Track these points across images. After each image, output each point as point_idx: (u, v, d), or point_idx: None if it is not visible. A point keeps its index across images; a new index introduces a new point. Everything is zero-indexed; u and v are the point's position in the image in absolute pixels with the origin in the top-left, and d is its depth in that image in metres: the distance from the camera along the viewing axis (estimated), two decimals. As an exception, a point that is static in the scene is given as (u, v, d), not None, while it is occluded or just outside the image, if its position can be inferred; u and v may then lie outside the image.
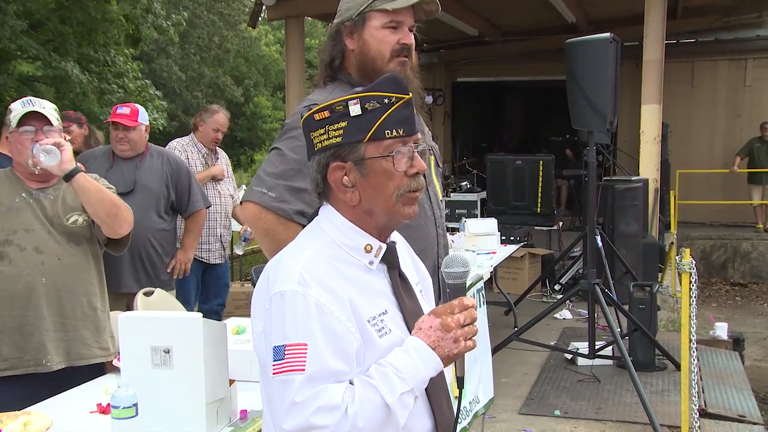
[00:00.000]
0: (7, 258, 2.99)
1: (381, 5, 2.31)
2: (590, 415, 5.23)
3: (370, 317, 1.61)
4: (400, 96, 1.63)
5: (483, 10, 12.93)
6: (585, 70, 5.66)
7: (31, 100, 3.11)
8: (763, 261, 13.05)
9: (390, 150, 1.63)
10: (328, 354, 1.51)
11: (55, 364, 3.03)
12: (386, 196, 1.64)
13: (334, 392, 1.49)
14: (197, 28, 27.27)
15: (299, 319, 1.52)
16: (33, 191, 3.13)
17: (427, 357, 1.58)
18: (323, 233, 1.67)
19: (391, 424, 1.55)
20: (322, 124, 1.63)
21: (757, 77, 14.65)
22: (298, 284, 1.54)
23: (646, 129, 9.13)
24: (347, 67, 2.41)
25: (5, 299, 2.98)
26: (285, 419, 1.48)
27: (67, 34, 17.02)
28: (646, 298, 6.19)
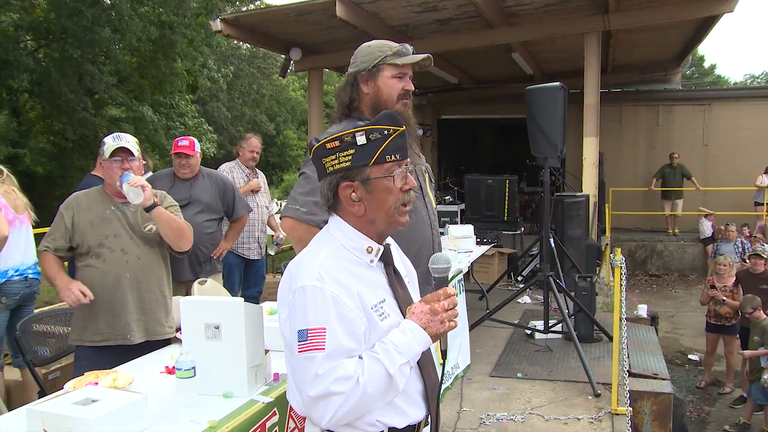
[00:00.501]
0: (102, 257, 3.09)
1: (392, 60, 2.35)
2: (544, 377, 5.21)
3: (373, 305, 1.61)
4: (396, 128, 1.63)
5: (462, 64, 12.99)
6: (541, 110, 5.66)
7: (119, 136, 3.16)
8: (672, 258, 13.18)
9: (390, 171, 1.63)
10: (342, 335, 1.52)
11: (137, 339, 3.11)
12: (387, 208, 1.65)
13: (348, 365, 1.50)
14: (240, 78, 27.30)
15: (318, 309, 1.53)
16: (119, 205, 3.19)
17: (419, 335, 1.59)
18: (333, 239, 1.67)
19: (393, 388, 1.56)
20: (333, 151, 1.63)
21: (666, 119, 14.91)
22: (316, 280, 1.55)
23: (587, 156, 9.15)
24: (361, 107, 2.41)
25: (100, 288, 3.06)
26: (310, 388, 1.49)
27: (144, 86, 17.28)
28: (587, 286, 6.19)
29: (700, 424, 6.75)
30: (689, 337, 9.19)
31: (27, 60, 14.23)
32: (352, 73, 2.41)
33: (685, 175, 13.27)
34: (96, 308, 3.07)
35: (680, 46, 12.12)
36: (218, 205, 4.74)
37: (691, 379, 7.98)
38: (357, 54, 2.42)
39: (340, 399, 1.49)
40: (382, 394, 1.54)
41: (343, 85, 2.45)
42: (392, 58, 2.35)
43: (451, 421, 4.39)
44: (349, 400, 1.49)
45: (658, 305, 10.24)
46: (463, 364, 5.06)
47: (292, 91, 36.19)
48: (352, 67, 2.42)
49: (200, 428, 1.98)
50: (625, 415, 4.36)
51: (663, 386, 5.23)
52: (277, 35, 10.26)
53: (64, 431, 1.81)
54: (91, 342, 3.09)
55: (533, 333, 6.19)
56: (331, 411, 1.49)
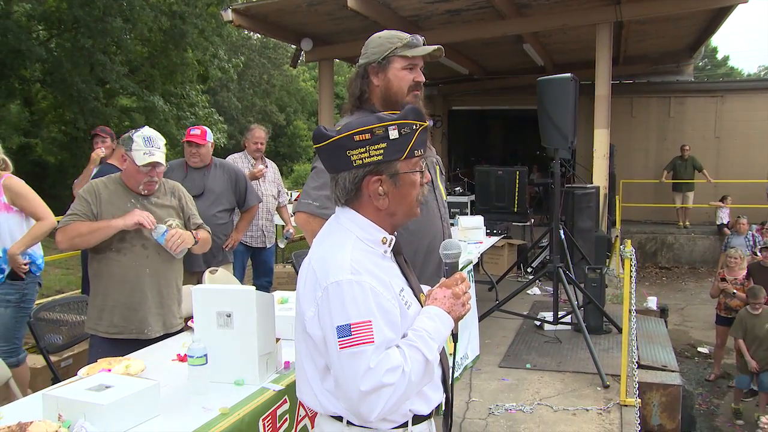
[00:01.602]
0: (123, 252, 3.06)
1: (402, 52, 2.33)
2: (553, 368, 5.22)
3: (397, 293, 1.61)
4: (422, 123, 1.64)
5: (472, 55, 12.92)
6: (552, 101, 5.64)
7: (150, 140, 3.08)
8: (683, 250, 13.09)
9: (417, 166, 1.65)
10: (384, 327, 1.52)
11: (155, 333, 3.11)
12: (410, 201, 1.66)
13: (394, 356, 1.50)
14: (251, 69, 27.32)
15: (359, 302, 1.50)
16: (140, 198, 3.17)
17: (445, 320, 1.63)
18: (348, 231, 1.64)
19: (429, 374, 1.59)
20: (363, 144, 1.59)
21: (677, 111, 14.79)
22: (351, 274, 1.52)
23: (598, 148, 9.09)
24: (372, 98, 2.39)
25: (120, 283, 3.06)
26: (362, 382, 1.47)
27: (155, 76, 17.34)
28: (597, 278, 6.17)
29: (709, 417, 6.73)
30: (699, 330, 9.16)
31: (39, 50, 14.28)
32: (362, 65, 2.39)
33: (696, 168, 13.19)
34: (112, 302, 3.06)
35: (693, 37, 12.01)
36: (231, 195, 4.76)
37: (700, 371, 7.95)
38: (367, 45, 2.40)
39: (390, 390, 1.48)
40: (422, 381, 1.56)
41: (354, 76, 2.43)
42: (403, 50, 2.33)
43: (459, 411, 4.40)
44: (397, 390, 1.49)
45: (668, 297, 10.20)
46: (472, 354, 5.07)
47: (302, 81, 36.17)
48: (363, 58, 2.39)
49: (212, 415, 2.00)
50: (633, 407, 4.36)
51: (672, 378, 5.23)
52: (288, 25, 10.24)
53: (79, 416, 1.83)
54: (105, 333, 3.09)
55: (542, 324, 6.19)
56: (381, 403, 1.48)
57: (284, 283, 7.20)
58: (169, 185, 3.36)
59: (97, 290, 3.11)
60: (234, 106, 26.77)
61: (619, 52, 12.06)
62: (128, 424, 1.89)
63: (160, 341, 2.97)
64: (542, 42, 11.61)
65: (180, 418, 1.99)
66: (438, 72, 13.76)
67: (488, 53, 12.73)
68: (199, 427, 1.91)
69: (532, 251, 8.86)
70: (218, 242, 4.68)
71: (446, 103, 16.69)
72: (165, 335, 3.12)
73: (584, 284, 6.15)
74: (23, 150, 16.93)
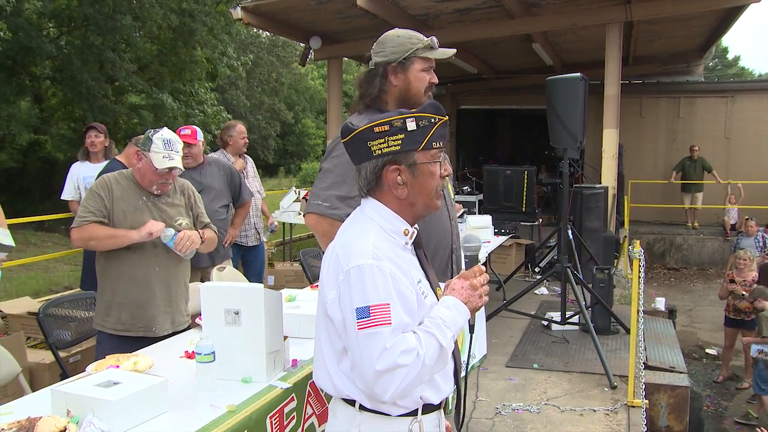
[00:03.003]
0: (132, 249, 3.05)
1: (423, 53, 2.34)
2: (560, 368, 5.20)
3: (416, 283, 1.66)
4: (441, 117, 1.70)
5: (481, 54, 12.90)
6: (561, 100, 5.62)
7: (171, 155, 3.06)
8: (691, 251, 13.03)
9: (435, 157, 1.70)
10: (401, 311, 1.58)
11: (163, 331, 3.11)
12: (428, 192, 1.70)
13: (409, 339, 1.56)
14: (259, 67, 27.39)
15: (379, 286, 1.56)
16: (150, 196, 3.16)
17: (462, 310, 1.68)
18: (371, 221, 1.70)
19: (443, 360, 1.64)
20: (382, 135, 1.66)
21: (687, 111, 14.73)
22: (372, 259, 1.59)
23: (607, 148, 9.06)
24: (386, 98, 2.37)
25: (128, 280, 3.06)
26: (378, 362, 1.53)
27: (164, 73, 17.40)
28: (605, 278, 6.15)
29: (717, 419, 6.70)
30: (707, 332, 9.12)
31: (49, 47, 14.35)
32: (381, 64, 2.35)
33: (706, 168, 13.13)
34: (120, 299, 3.06)
35: (703, 37, 11.94)
36: (227, 191, 4.79)
37: (708, 373, 7.92)
38: (384, 43, 2.36)
39: (404, 371, 1.53)
40: (436, 366, 1.61)
41: (370, 75, 2.39)
42: (423, 52, 2.33)
43: (466, 410, 4.39)
44: (411, 371, 1.54)
45: (676, 299, 10.17)
46: (479, 354, 5.05)
47: (311, 79, 36.24)
48: (380, 56, 2.36)
49: (219, 412, 2.01)
50: (641, 408, 4.34)
51: (680, 379, 5.20)
52: (297, 24, 10.24)
53: (87, 412, 1.84)
54: (113, 330, 3.09)
55: (550, 324, 6.18)
56: (396, 383, 1.53)
57: (291, 280, 7.21)
58: (179, 183, 3.36)
59: (105, 287, 3.11)
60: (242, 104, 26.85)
61: (629, 52, 12.02)
62: (136, 421, 1.90)
63: (167, 339, 2.98)
64: (551, 41, 11.58)
65: (188, 415, 2.00)
66: (447, 71, 13.73)
67: (497, 52, 12.71)
68: (206, 424, 1.92)
69: (540, 251, 8.84)
70: (220, 237, 4.71)
71: (455, 103, 16.66)
72: (173, 333, 3.12)
73: (592, 284, 6.13)
74: (33, 147, 17.02)
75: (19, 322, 4.95)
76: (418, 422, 1.68)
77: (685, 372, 5.43)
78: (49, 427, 1.76)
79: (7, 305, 5.33)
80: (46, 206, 15.17)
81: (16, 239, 3.65)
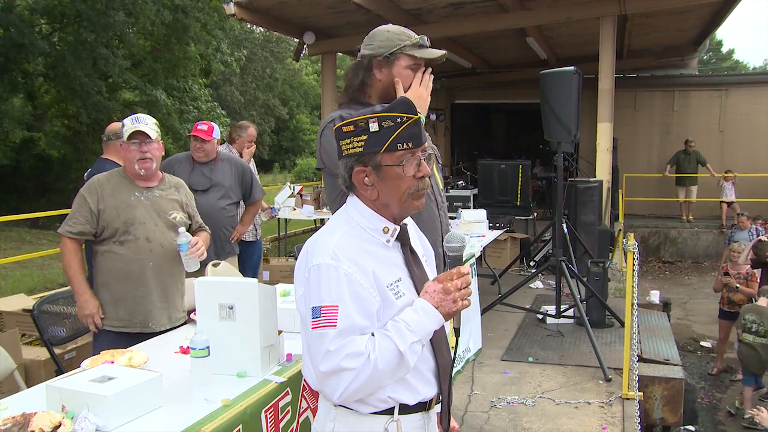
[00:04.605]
0: (127, 244, 3.04)
1: (410, 51, 2.29)
2: (555, 361, 5.23)
3: (389, 283, 1.62)
4: (410, 116, 1.62)
5: (476, 49, 12.89)
6: (555, 94, 5.64)
7: (137, 118, 3.11)
8: (686, 245, 13.09)
9: (401, 160, 1.63)
10: (354, 313, 1.54)
11: (160, 327, 3.10)
12: (399, 194, 1.65)
13: (359, 342, 1.52)
14: (253, 63, 27.35)
15: (332, 286, 1.55)
16: (143, 190, 3.14)
17: (431, 314, 1.60)
18: (351, 219, 1.68)
19: (404, 365, 1.57)
20: (348, 135, 1.64)
21: (681, 105, 14.77)
22: (331, 259, 1.57)
23: (601, 142, 9.08)
24: (370, 92, 2.34)
25: (123, 276, 3.05)
26: (321, 363, 1.52)
27: (158, 70, 17.36)
28: (599, 272, 6.17)
29: (712, 411, 6.74)
30: (702, 324, 9.16)
31: (42, 44, 14.30)
32: (366, 56, 2.33)
33: (700, 162, 13.16)
34: (117, 295, 3.06)
35: (697, 30, 11.95)
36: (238, 188, 4.79)
37: (703, 365, 7.96)
38: (373, 37, 2.33)
39: (351, 375, 1.51)
40: (393, 371, 1.56)
41: (355, 67, 2.37)
42: (411, 49, 2.29)
43: (462, 404, 4.42)
44: (360, 376, 1.51)
45: (671, 292, 10.20)
46: (474, 347, 5.08)
47: (305, 75, 36.16)
48: (367, 49, 2.33)
49: (214, 407, 2.01)
50: (635, 400, 4.36)
51: (674, 372, 5.23)
52: (290, 19, 10.22)
53: (82, 407, 1.84)
54: (110, 327, 3.08)
55: (545, 318, 6.20)
56: (342, 386, 1.52)
57: (287, 276, 7.22)
58: (174, 181, 3.34)
59: (100, 283, 3.11)
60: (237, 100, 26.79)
61: (623, 45, 12.02)
62: (131, 416, 1.91)
63: (164, 334, 2.99)
64: (545, 35, 11.57)
65: (183, 409, 2.00)
66: (441, 65, 13.55)
67: (491, 47, 12.70)
68: (201, 418, 1.93)
69: (534, 245, 8.86)
70: (227, 234, 4.73)
71: (449, 97, 16.65)
72: (170, 328, 3.11)
73: (587, 278, 6.15)
74: (27, 144, 16.98)
75: (14, 320, 4.94)
76: (396, 422, 1.65)
77: (680, 364, 5.45)
78: (44, 422, 1.76)
79: (2, 302, 5.32)
80: (41, 204, 15.15)
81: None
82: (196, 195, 4.55)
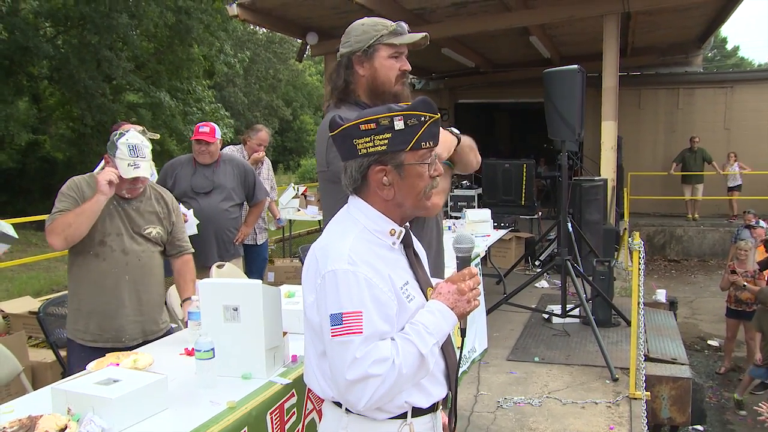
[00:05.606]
0: (102, 256, 2.92)
1: (388, 40, 2.23)
2: (561, 361, 5.22)
3: (400, 287, 1.60)
4: (432, 115, 1.61)
5: (479, 48, 12.89)
6: (559, 93, 5.62)
7: (136, 162, 2.88)
8: (692, 243, 13.04)
9: (424, 158, 1.62)
10: (377, 318, 1.52)
11: (133, 341, 2.96)
12: (416, 193, 1.63)
13: (383, 348, 1.50)
14: (257, 64, 27.35)
15: (353, 292, 1.51)
16: (121, 201, 3.00)
17: (447, 315, 1.60)
18: (356, 221, 1.64)
19: (424, 368, 1.57)
20: (368, 133, 1.58)
21: (686, 102, 14.78)
22: (348, 264, 1.53)
23: (605, 140, 9.06)
24: (357, 90, 2.28)
25: (97, 289, 2.93)
26: (348, 372, 1.49)
27: (162, 72, 17.43)
28: (605, 271, 6.16)
29: (720, 410, 6.71)
30: (709, 323, 9.12)
31: (46, 47, 14.34)
32: (345, 54, 2.27)
33: (706, 159, 13.13)
34: (89, 308, 2.95)
35: (702, 27, 11.92)
36: (241, 190, 4.78)
37: (710, 364, 7.92)
38: (350, 33, 2.28)
39: (377, 381, 1.48)
40: (414, 374, 1.55)
41: (336, 67, 2.31)
42: (388, 38, 2.22)
43: (468, 404, 4.41)
44: (386, 382, 1.49)
45: (677, 291, 10.17)
46: (480, 348, 5.06)
47: (308, 75, 36.20)
48: (345, 47, 2.28)
49: (219, 409, 2.01)
50: (642, 400, 4.35)
51: (682, 371, 5.21)
52: (293, 19, 10.23)
53: (87, 410, 1.84)
54: (81, 341, 2.97)
55: (551, 317, 6.19)
56: (368, 394, 1.49)
57: (291, 276, 7.22)
58: (157, 191, 3.19)
59: (74, 295, 3.01)
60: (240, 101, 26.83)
61: (627, 43, 12.01)
62: (136, 418, 1.90)
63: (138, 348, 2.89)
64: (549, 34, 11.56)
65: (188, 411, 2.00)
66: (444, 65, 13.73)
67: (494, 46, 12.69)
68: (207, 420, 1.92)
69: (539, 244, 8.84)
70: (230, 236, 4.73)
71: (453, 96, 16.66)
72: (143, 342, 2.97)
73: (592, 277, 6.13)
74: (32, 147, 17.02)
75: (20, 322, 4.96)
76: (408, 425, 1.63)
77: (687, 363, 5.43)
78: (50, 425, 1.76)
79: (9, 305, 5.34)
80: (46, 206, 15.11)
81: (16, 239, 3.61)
82: (198, 197, 4.58)
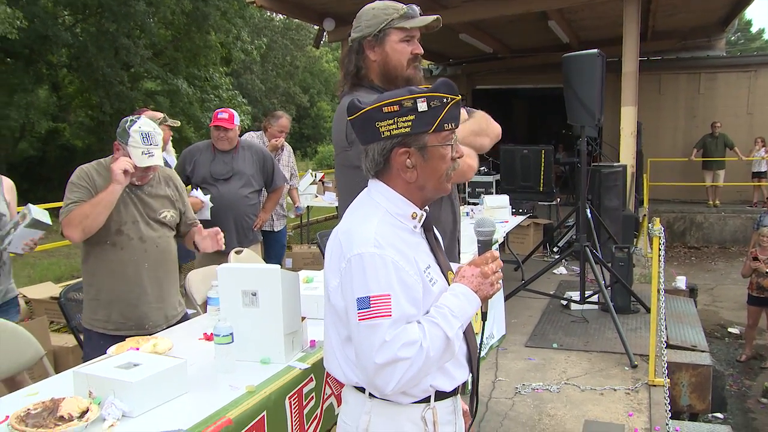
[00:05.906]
0: (120, 245, 2.90)
1: (399, 23, 2.22)
2: (580, 347, 5.19)
3: (423, 270, 1.60)
4: (453, 97, 1.60)
5: (496, 33, 12.77)
6: (578, 78, 5.57)
7: (150, 150, 2.85)
8: (712, 230, 12.87)
9: (447, 140, 1.61)
10: (404, 302, 1.52)
11: (157, 327, 2.97)
12: (439, 175, 1.63)
13: (411, 331, 1.50)
14: (274, 50, 27.33)
15: (380, 275, 1.50)
16: (134, 188, 2.96)
17: (471, 299, 1.61)
18: (378, 205, 1.63)
19: (449, 352, 1.57)
20: (391, 116, 1.57)
21: (708, 87, 14.54)
22: (374, 247, 1.52)
23: (625, 126, 8.96)
24: (369, 75, 2.28)
25: (117, 279, 2.92)
26: (377, 355, 1.48)
27: (179, 59, 17.50)
28: (624, 257, 6.11)
29: (741, 398, 6.66)
30: (729, 310, 9.03)
31: (65, 35, 14.45)
32: (356, 39, 2.26)
33: (728, 145, 12.95)
34: (109, 297, 2.94)
35: (725, 10, 11.71)
36: (259, 176, 4.80)
37: (731, 352, 7.86)
38: (360, 18, 2.27)
39: (406, 364, 1.48)
40: (440, 357, 1.55)
41: (347, 52, 2.30)
42: (399, 21, 2.21)
43: (486, 390, 4.41)
44: (414, 364, 1.49)
45: (698, 277, 10.07)
46: (498, 334, 5.05)
47: (325, 62, 36.12)
48: (356, 32, 2.27)
49: (239, 393, 2.02)
50: (662, 387, 4.32)
51: (702, 358, 5.17)
52: (310, 5, 10.20)
53: (108, 393, 1.86)
54: (102, 329, 2.96)
55: (569, 304, 6.16)
56: (397, 377, 1.49)
57: (309, 262, 7.24)
58: (165, 174, 3.16)
59: (91, 285, 3.00)
60: (257, 88, 26.85)
61: (647, 27, 11.83)
62: (156, 401, 1.92)
63: None
64: (567, 18, 11.42)
65: (207, 395, 2.01)
66: (462, 51, 13.62)
67: (512, 31, 12.57)
68: (226, 404, 1.93)
69: (558, 230, 8.78)
70: (249, 222, 4.75)
71: (470, 82, 16.54)
72: (166, 327, 2.97)
73: (611, 263, 6.09)
74: (52, 134, 17.20)
75: (42, 307, 5.03)
76: (431, 409, 1.64)
77: (707, 351, 5.39)
78: (73, 407, 1.78)
79: (31, 290, 5.41)
80: (66, 193, 15.35)
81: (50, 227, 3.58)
82: (218, 183, 4.60)
